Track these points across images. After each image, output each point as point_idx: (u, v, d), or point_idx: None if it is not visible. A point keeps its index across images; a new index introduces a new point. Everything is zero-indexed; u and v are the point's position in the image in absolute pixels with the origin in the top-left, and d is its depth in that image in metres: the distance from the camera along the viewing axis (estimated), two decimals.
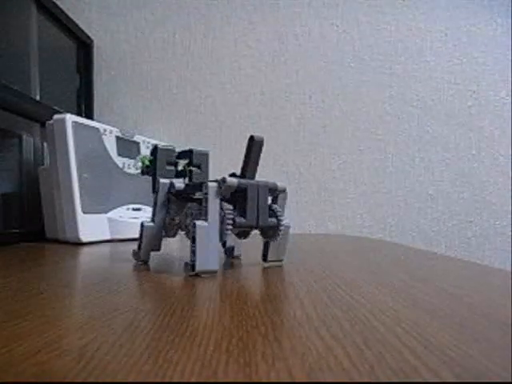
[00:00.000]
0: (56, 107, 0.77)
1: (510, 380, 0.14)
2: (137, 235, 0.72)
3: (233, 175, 0.39)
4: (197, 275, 0.34)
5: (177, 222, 0.41)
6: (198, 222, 0.33)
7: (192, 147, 0.99)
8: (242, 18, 1.00)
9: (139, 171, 0.43)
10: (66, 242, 0.64)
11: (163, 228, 0.41)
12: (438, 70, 1.00)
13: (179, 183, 0.39)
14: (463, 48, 1.00)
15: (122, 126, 0.99)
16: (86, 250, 0.55)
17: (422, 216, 0.99)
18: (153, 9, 1.00)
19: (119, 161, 0.72)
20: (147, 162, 0.43)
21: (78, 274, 0.36)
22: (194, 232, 0.34)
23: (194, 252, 0.34)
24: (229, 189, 0.34)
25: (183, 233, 0.41)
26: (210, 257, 0.34)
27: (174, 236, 0.42)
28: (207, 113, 1.00)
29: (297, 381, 0.14)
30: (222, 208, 0.35)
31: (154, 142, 0.86)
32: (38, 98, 0.73)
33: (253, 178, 0.37)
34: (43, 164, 0.72)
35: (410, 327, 0.20)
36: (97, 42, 0.99)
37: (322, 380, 0.14)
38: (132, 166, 0.72)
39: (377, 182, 0.99)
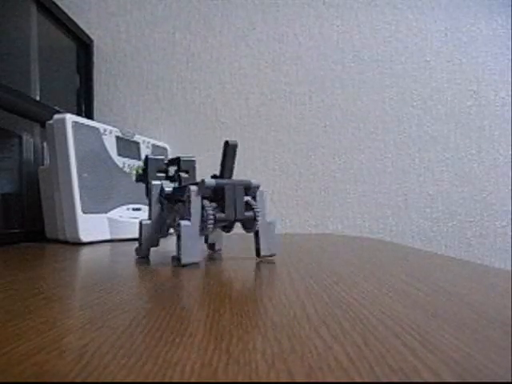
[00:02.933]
0: (56, 107, 0.77)
1: (510, 380, 0.14)
2: (137, 235, 0.72)
3: (214, 177, 0.43)
4: (183, 266, 0.39)
5: (168, 222, 0.45)
6: (183, 222, 0.39)
7: (191, 148, 0.99)
8: (242, 18, 1.00)
9: (134, 179, 0.51)
10: (66, 242, 0.64)
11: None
12: (437, 69, 1.00)
13: (168, 187, 0.44)
14: (463, 48, 1.00)
15: (122, 126, 0.99)
16: (86, 249, 0.55)
17: (421, 216, 0.99)
18: (153, 9, 1.00)
19: (119, 161, 0.72)
20: (140, 171, 0.49)
21: (77, 273, 0.36)
22: (178, 230, 0.39)
23: (179, 247, 0.39)
24: (208, 189, 0.40)
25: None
26: (192, 251, 0.39)
27: (165, 236, 0.46)
28: (207, 113, 1.00)
29: (297, 381, 0.14)
30: (203, 206, 0.40)
31: (154, 142, 0.86)
32: (38, 98, 0.73)
33: (230, 177, 0.42)
34: (43, 164, 0.72)
35: (410, 327, 0.20)
36: (97, 42, 0.99)
37: (322, 380, 0.14)
38: (130, 170, 0.74)
39: (377, 182, 0.99)
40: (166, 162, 0.50)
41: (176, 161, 0.49)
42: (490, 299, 0.26)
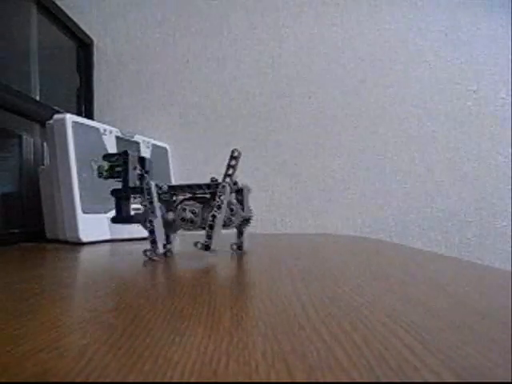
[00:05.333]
0: (56, 107, 0.77)
1: (510, 380, 0.14)
2: (137, 235, 0.71)
3: (214, 181, 0.47)
4: (210, 252, 0.44)
5: (170, 218, 0.45)
6: (217, 215, 0.44)
7: (191, 147, 0.99)
8: (242, 18, 1.00)
9: (95, 174, 0.49)
10: (66, 242, 0.64)
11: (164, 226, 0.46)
12: (437, 69, 1.00)
13: (164, 184, 0.47)
14: (463, 48, 1.00)
15: (121, 126, 0.99)
16: (86, 249, 0.55)
17: (421, 216, 0.99)
18: (153, 9, 1.00)
19: None
20: (107, 167, 0.47)
21: (77, 273, 0.36)
22: (212, 221, 0.43)
23: (209, 236, 0.44)
24: (235, 189, 0.46)
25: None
26: (218, 239, 0.44)
27: (175, 231, 0.47)
28: (207, 113, 1.00)
29: (297, 381, 0.14)
30: (232, 203, 0.46)
31: (154, 142, 0.86)
32: (37, 98, 0.73)
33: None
34: (43, 164, 0.72)
35: (410, 327, 0.20)
36: (97, 42, 0.99)
37: (322, 380, 0.14)
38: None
39: (377, 182, 0.99)
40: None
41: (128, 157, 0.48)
42: (489, 299, 0.26)
